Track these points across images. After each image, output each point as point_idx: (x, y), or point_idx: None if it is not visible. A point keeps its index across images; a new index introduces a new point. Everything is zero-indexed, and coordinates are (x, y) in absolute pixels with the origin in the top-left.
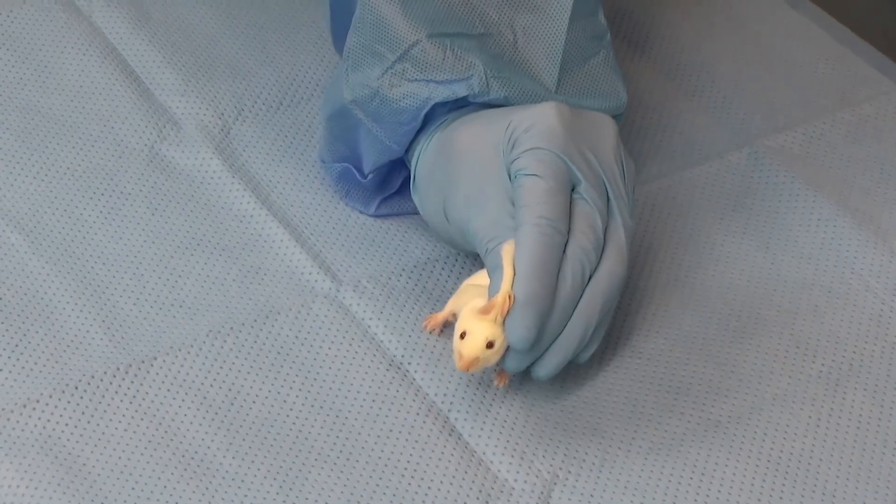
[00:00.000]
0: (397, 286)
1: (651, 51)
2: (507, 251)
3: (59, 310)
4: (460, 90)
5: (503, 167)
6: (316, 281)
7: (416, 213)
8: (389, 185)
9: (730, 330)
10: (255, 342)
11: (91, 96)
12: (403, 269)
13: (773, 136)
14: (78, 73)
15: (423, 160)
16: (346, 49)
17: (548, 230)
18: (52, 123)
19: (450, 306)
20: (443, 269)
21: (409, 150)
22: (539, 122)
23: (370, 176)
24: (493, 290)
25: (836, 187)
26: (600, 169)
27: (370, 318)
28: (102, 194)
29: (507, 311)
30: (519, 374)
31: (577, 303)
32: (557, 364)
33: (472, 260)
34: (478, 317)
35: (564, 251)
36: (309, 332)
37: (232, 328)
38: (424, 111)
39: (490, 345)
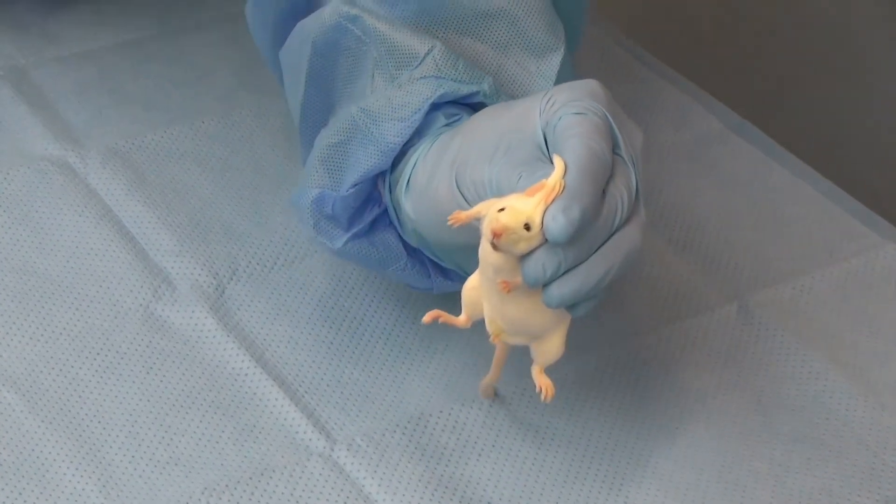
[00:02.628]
0: (391, 443)
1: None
2: (556, 156)
3: (55, 469)
4: (470, 89)
5: (537, 126)
6: (310, 440)
7: (383, 267)
8: (360, 219)
9: (723, 482)
10: (251, 500)
11: (87, 257)
12: (398, 426)
13: (763, 291)
14: (74, 234)
15: (424, 161)
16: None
17: (598, 150)
18: (48, 284)
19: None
20: (437, 423)
21: (395, 168)
22: (582, 86)
23: (350, 191)
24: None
25: (825, 341)
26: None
27: (364, 478)
28: (98, 354)
29: (555, 198)
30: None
31: (604, 243)
32: (573, 291)
33: (466, 412)
34: (522, 197)
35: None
36: (304, 492)
37: (227, 486)
38: (431, 101)
39: (527, 227)
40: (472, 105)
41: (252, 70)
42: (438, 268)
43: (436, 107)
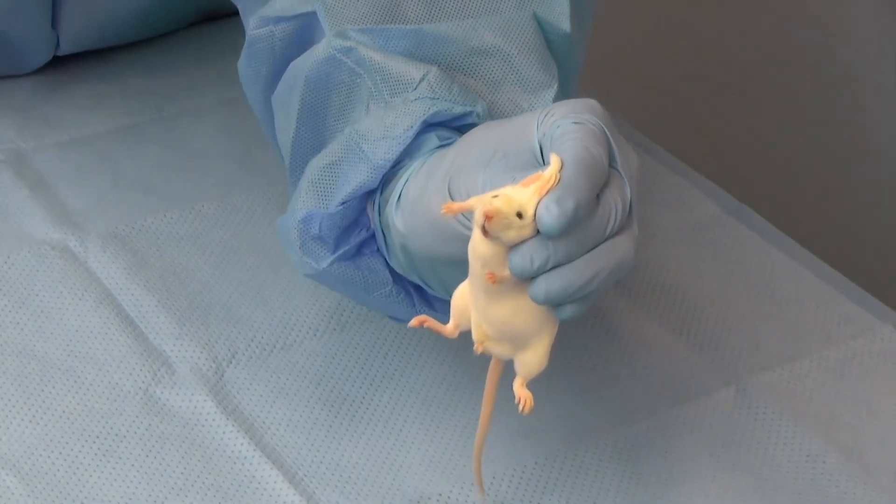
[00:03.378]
0: None
1: (638, 291)
2: (553, 153)
3: None
4: (463, 109)
5: (534, 137)
6: None
7: (367, 293)
8: (346, 241)
9: None
10: None
11: (87, 340)
12: None
13: (761, 374)
14: (74, 317)
15: (417, 176)
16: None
17: (595, 153)
18: (48, 367)
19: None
20: None
21: (385, 189)
22: (581, 102)
23: (338, 209)
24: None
25: (823, 424)
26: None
27: None
28: (97, 437)
29: (550, 189)
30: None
31: (595, 247)
32: (560, 288)
33: (465, 495)
34: (517, 188)
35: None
36: None
37: None
38: (424, 119)
39: (519, 215)
40: (465, 128)
41: (251, 154)
42: (423, 297)
43: (429, 128)
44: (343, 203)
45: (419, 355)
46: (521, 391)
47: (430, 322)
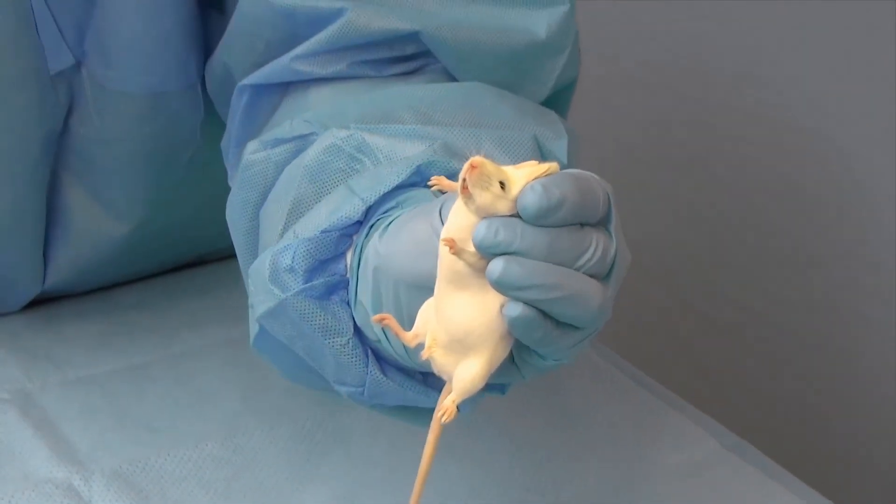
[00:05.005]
0: None
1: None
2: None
3: None
4: (461, 164)
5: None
6: None
7: (324, 337)
8: (317, 276)
9: None
10: None
11: None
12: None
13: None
14: None
15: (411, 211)
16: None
17: (594, 184)
18: None
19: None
20: None
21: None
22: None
23: (316, 236)
24: None
25: None
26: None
27: None
28: None
29: (540, 176)
30: None
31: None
32: (517, 274)
33: None
34: (510, 167)
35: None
36: None
37: None
38: (418, 163)
39: (502, 185)
40: None
41: (255, 394)
42: (377, 359)
43: (425, 182)
44: (324, 231)
45: None
46: (447, 404)
47: (392, 322)
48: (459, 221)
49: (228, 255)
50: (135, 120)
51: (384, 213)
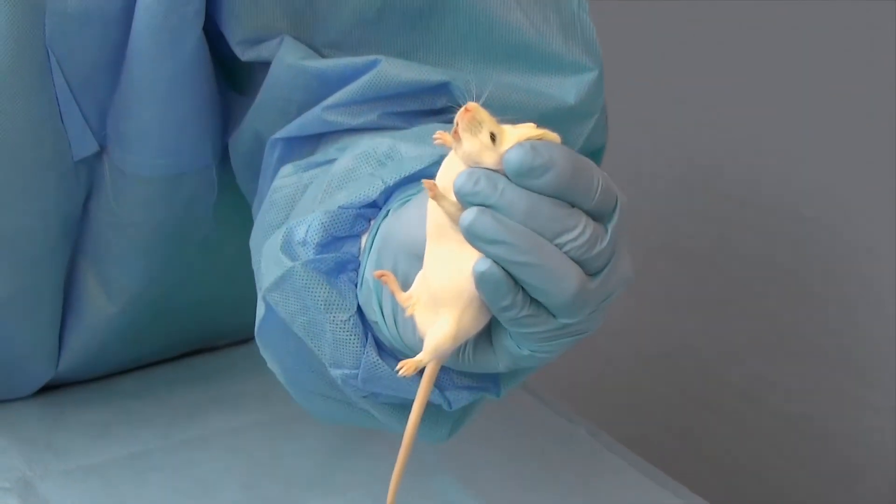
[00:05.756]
0: None
1: None
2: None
3: None
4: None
5: None
6: None
7: (326, 311)
8: (327, 251)
9: None
10: None
11: None
12: None
13: None
14: None
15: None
16: None
17: (597, 172)
18: None
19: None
20: None
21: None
22: None
23: (335, 211)
24: None
25: None
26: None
27: None
28: None
29: (534, 137)
30: None
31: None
32: (489, 226)
33: None
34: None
35: None
36: None
37: None
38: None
39: (493, 138)
40: None
41: (256, 483)
42: (376, 344)
43: None
44: (340, 207)
45: None
46: (411, 360)
47: (390, 279)
48: (447, 170)
49: (235, 341)
50: (150, 203)
51: (405, 198)
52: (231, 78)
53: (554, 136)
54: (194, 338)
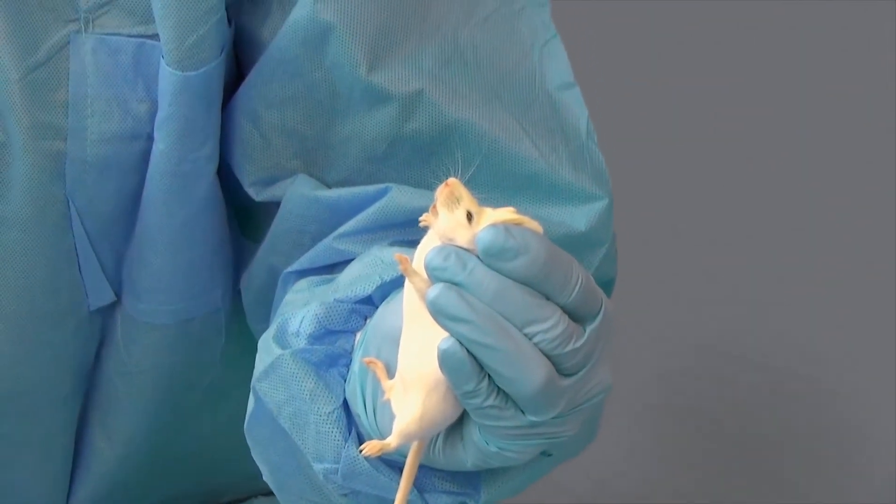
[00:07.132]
0: None
1: None
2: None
3: None
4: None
5: None
6: None
7: (312, 401)
8: (320, 343)
9: None
10: None
11: None
12: None
13: None
14: None
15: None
16: None
17: (578, 270)
18: None
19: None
20: None
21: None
22: None
23: (329, 302)
24: None
25: None
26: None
27: None
28: None
29: (512, 222)
30: None
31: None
32: (452, 301)
33: None
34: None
35: None
36: None
37: None
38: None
39: (469, 216)
40: None
41: None
42: (358, 437)
43: None
44: (337, 300)
45: None
46: (375, 442)
47: (378, 367)
48: (424, 246)
49: (239, 498)
50: (159, 350)
51: (398, 291)
52: (244, 226)
53: (534, 225)
54: (198, 490)
